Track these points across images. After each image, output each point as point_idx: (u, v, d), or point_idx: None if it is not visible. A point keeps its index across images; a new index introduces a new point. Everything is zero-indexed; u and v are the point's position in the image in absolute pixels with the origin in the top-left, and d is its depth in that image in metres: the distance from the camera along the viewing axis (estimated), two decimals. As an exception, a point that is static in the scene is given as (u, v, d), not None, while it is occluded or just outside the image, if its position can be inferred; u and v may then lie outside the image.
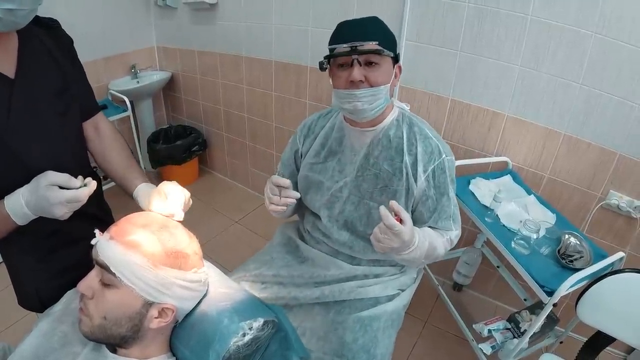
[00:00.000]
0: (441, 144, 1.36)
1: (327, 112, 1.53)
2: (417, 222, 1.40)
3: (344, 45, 1.20)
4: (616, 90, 1.74)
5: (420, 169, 1.33)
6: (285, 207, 1.34)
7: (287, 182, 1.29)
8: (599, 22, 1.68)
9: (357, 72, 1.20)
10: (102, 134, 1.32)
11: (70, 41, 1.22)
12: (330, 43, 1.25)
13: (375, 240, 1.15)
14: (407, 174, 1.34)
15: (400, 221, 1.10)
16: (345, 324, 1.39)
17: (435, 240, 1.31)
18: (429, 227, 1.37)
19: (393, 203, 1.11)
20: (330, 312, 1.45)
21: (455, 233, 1.41)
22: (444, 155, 1.34)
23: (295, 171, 1.57)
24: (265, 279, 1.54)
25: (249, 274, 1.57)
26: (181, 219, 1.05)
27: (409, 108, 1.46)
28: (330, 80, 1.31)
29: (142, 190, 1.20)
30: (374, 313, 1.43)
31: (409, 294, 1.59)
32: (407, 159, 1.33)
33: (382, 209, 1.09)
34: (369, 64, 1.21)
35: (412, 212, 1.40)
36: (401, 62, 1.32)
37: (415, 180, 1.33)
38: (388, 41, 1.23)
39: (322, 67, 1.27)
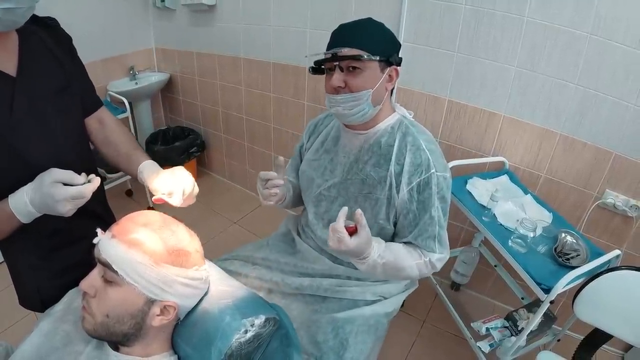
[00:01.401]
0: (434, 158, 1.29)
1: None
2: (397, 235, 1.39)
3: (326, 52, 1.22)
4: (611, 90, 1.76)
5: (404, 180, 1.29)
6: (274, 196, 1.37)
7: (272, 174, 1.31)
8: (594, 23, 1.69)
9: (336, 79, 1.21)
10: (106, 125, 1.33)
11: (69, 39, 1.22)
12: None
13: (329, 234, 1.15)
14: (390, 183, 1.31)
15: (355, 231, 1.11)
16: (319, 323, 1.39)
17: (404, 261, 1.29)
18: (410, 243, 1.35)
19: (358, 212, 1.11)
20: (308, 308, 1.46)
21: (437, 256, 1.33)
22: (432, 170, 1.26)
23: (299, 165, 1.60)
24: (256, 260, 1.60)
25: (242, 253, 1.64)
26: (177, 204, 1.05)
27: (412, 115, 1.42)
28: None
29: (147, 166, 1.22)
30: (349, 315, 1.42)
31: (393, 302, 1.55)
32: (393, 168, 1.30)
33: (343, 210, 1.11)
34: (351, 69, 1.20)
35: (394, 224, 1.37)
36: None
37: (398, 192, 1.30)
38: (376, 43, 1.20)
39: (310, 72, 1.32)
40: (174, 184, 1.07)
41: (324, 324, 1.38)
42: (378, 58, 1.20)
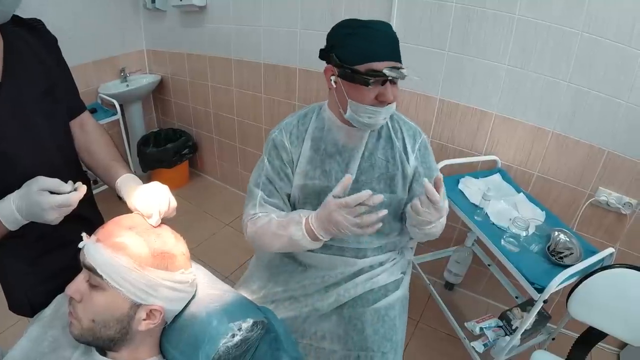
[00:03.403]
0: (416, 124, 1.46)
1: (304, 114, 1.45)
2: (413, 199, 1.35)
3: (385, 66, 1.15)
4: (603, 87, 1.76)
5: (409, 149, 1.40)
6: (381, 224, 1.15)
7: (365, 193, 1.09)
8: (586, 21, 1.69)
9: (392, 93, 1.19)
10: (87, 131, 1.30)
11: (55, 40, 1.20)
12: (359, 54, 1.16)
13: (414, 212, 1.21)
14: (400, 158, 1.38)
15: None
16: (363, 317, 1.43)
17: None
18: None
19: (439, 178, 1.14)
20: (343, 309, 1.46)
21: (445, 203, 1.41)
22: (423, 135, 1.45)
23: (289, 184, 1.44)
24: (276, 296, 1.51)
25: (256, 295, 1.53)
26: (154, 225, 1.02)
27: None
28: (332, 83, 1.26)
29: (125, 181, 1.17)
30: (388, 302, 1.47)
31: (409, 277, 1.64)
32: (396, 144, 1.39)
33: (428, 183, 1.12)
34: (393, 82, 1.19)
35: (408, 192, 1.43)
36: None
37: (408, 162, 1.39)
38: None
39: (365, 83, 1.17)
40: (150, 204, 1.04)
41: (369, 317, 1.43)
42: None
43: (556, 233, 1.70)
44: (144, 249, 0.92)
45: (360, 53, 1.17)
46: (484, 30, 1.92)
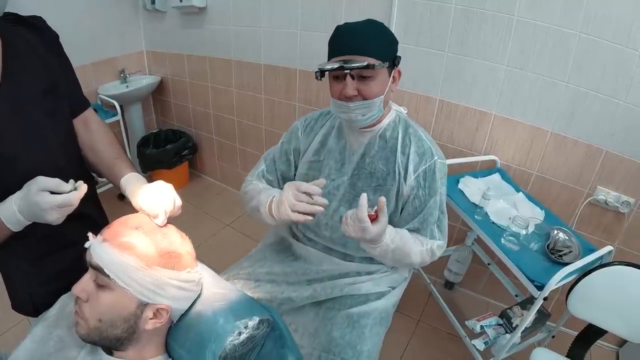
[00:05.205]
0: (434, 147, 1.38)
1: (328, 111, 1.51)
2: (403, 221, 1.40)
3: (336, 60, 1.20)
4: (601, 88, 1.77)
5: (410, 168, 1.34)
6: (312, 218, 1.20)
7: (317, 189, 1.19)
8: (584, 22, 1.70)
9: (350, 88, 1.20)
10: (91, 129, 1.30)
11: (56, 36, 1.19)
12: (328, 53, 1.25)
13: (344, 221, 1.18)
14: (399, 173, 1.35)
15: (376, 218, 1.13)
16: (334, 320, 1.42)
17: (410, 248, 1.31)
18: (413, 230, 1.39)
19: (382, 200, 1.12)
20: (321, 308, 1.47)
21: (438, 243, 1.39)
22: (435, 158, 1.35)
23: (289, 168, 1.55)
24: (259, 276, 1.55)
25: (243, 271, 1.58)
26: (161, 224, 1.02)
27: (406, 112, 1.48)
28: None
29: (130, 180, 1.18)
30: (364, 310, 1.45)
31: (399, 292, 1.61)
32: (399, 159, 1.35)
33: (364, 198, 1.11)
34: (362, 76, 1.20)
35: (401, 212, 1.40)
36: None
37: (405, 180, 1.35)
38: (384, 49, 1.22)
39: (317, 78, 1.26)
40: (155, 203, 1.04)
41: (340, 320, 1.42)
42: (387, 64, 1.22)
43: (555, 231, 1.71)
44: (150, 249, 0.93)
45: (328, 53, 1.26)
46: (484, 31, 1.93)
